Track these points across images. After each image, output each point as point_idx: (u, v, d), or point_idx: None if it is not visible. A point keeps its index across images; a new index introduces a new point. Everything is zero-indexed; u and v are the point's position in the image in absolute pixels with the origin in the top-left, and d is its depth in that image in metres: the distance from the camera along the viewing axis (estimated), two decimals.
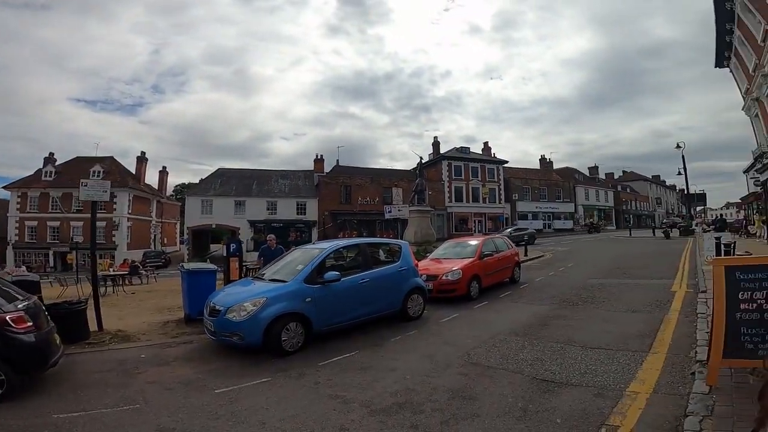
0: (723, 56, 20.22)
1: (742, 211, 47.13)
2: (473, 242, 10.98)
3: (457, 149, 49.61)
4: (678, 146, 33.48)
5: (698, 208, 35.09)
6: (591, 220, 53.48)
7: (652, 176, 77.71)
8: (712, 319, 3.97)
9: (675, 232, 31.96)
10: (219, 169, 41.47)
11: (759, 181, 20.77)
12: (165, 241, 49.77)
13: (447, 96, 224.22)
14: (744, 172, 29.36)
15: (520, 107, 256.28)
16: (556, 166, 59.64)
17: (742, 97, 19.59)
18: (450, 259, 10.10)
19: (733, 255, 9.39)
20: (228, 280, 8.05)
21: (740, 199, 39.57)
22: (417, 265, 8.00)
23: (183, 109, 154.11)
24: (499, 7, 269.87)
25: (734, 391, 3.15)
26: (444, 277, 8.95)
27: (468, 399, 3.76)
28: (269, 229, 36.11)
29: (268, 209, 38.40)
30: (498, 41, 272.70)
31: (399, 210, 19.51)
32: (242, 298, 5.67)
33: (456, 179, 45.52)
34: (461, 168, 46.35)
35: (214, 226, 37.48)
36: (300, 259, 6.62)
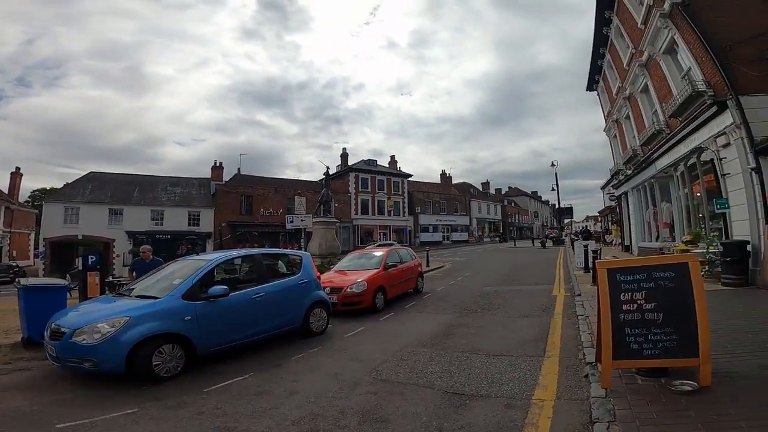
0: (594, 80, 22.55)
1: (599, 223, 56.17)
2: (378, 253, 10.86)
3: (364, 161, 50.35)
4: (552, 164, 38.48)
5: (566, 221, 40.65)
6: (500, 232, 59.63)
7: (531, 192, 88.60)
8: (598, 321, 4.17)
9: (549, 243, 36.48)
10: (91, 172, 35.55)
11: (614, 195, 24.73)
12: (15, 254, 40.74)
13: (359, 109, 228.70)
14: (601, 189, 34.76)
15: (426, 123, 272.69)
16: (453, 181, 64.30)
17: (605, 119, 22.87)
18: (355, 271, 9.79)
19: (600, 259, 10.74)
20: (85, 297, 6.60)
21: (598, 212, 47.00)
22: (319, 278, 7.50)
23: (52, 104, 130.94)
24: (417, 25, 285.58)
25: (628, 393, 3.30)
26: (349, 290, 8.58)
27: (380, 421, 3.41)
28: (153, 241, 31.99)
29: (153, 219, 33.98)
30: (412, 58, 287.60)
31: (302, 220, 18.70)
32: (96, 317, 4.67)
33: (362, 191, 45.99)
34: (368, 180, 47.05)
35: (80, 237, 31.79)
36: (179, 272, 5.68)
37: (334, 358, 5.46)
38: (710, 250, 9.49)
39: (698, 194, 12.13)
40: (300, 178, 53.45)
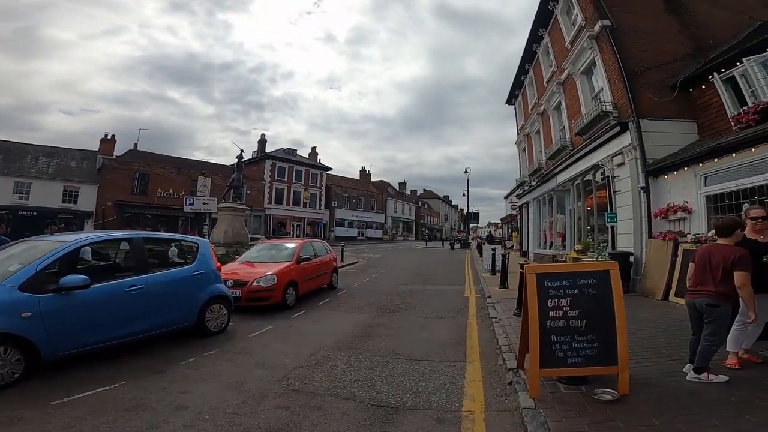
0: (514, 94, 24.07)
1: (499, 229, 61.28)
2: (290, 245, 10.02)
3: (284, 150, 47.94)
4: (465, 171, 41.14)
5: (471, 226, 43.49)
6: (426, 233, 61.50)
7: (443, 196, 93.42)
8: (523, 327, 4.07)
9: (457, 245, 38.61)
10: None
11: (516, 205, 26.86)
12: None
13: (284, 97, 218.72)
14: (505, 198, 37.61)
15: (351, 120, 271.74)
16: (372, 179, 64.74)
17: (517, 132, 24.70)
18: (264, 263, 8.87)
19: (508, 264, 11.33)
20: None
21: (500, 219, 51.13)
22: (220, 269, 6.54)
23: None
24: (358, 22, 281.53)
25: (555, 403, 3.18)
26: (255, 283, 7.68)
27: None
28: (15, 218, 26.58)
29: (16, 192, 28.08)
30: (347, 54, 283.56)
31: (204, 203, 16.78)
32: None
33: (279, 181, 43.73)
34: (285, 170, 44.86)
35: None
36: (21, 256, 4.38)
37: (235, 363, 4.66)
38: (598, 259, 10.55)
39: (589, 208, 13.56)
40: (210, 161, 48.90)
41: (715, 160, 7.39)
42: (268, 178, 42.67)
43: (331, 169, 51.74)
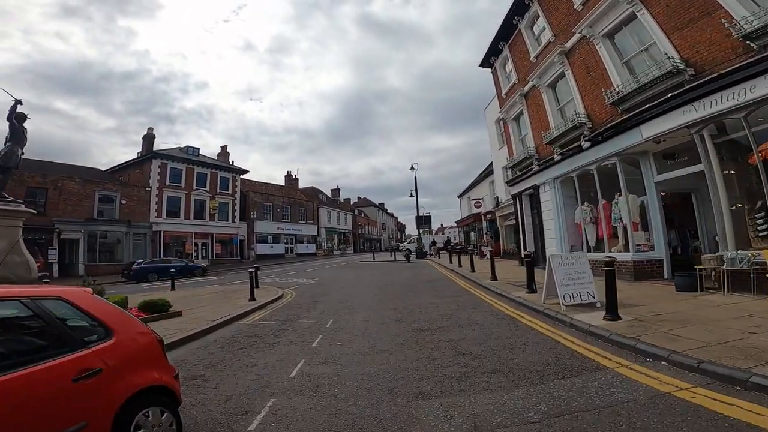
0: (497, 49, 19.47)
1: (446, 235, 55.10)
2: None
3: (181, 149, 36.96)
4: (412, 168, 34.06)
5: (421, 231, 36.56)
6: (397, 243, 53.72)
7: (379, 203, 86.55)
8: None
9: (413, 256, 31.05)
10: None
11: (481, 202, 20.03)
12: None
13: (197, 109, 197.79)
14: (458, 197, 31.04)
15: (272, 132, 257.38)
16: (301, 185, 55.48)
17: (503, 99, 18.69)
18: None
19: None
20: None
21: (456, 222, 44.88)
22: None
23: None
24: (280, 31, 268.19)
25: None
26: None
27: None
28: None
29: None
30: (267, 63, 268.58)
31: None
32: None
33: (172, 186, 32.85)
34: (183, 173, 34.06)
35: None
36: None
37: None
38: None
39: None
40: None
41: None
42: (156, 183, 31.65)
43: (247, 171, 41.67)
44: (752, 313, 5.55)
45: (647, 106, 8.25)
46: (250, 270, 11.06)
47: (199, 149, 38.25)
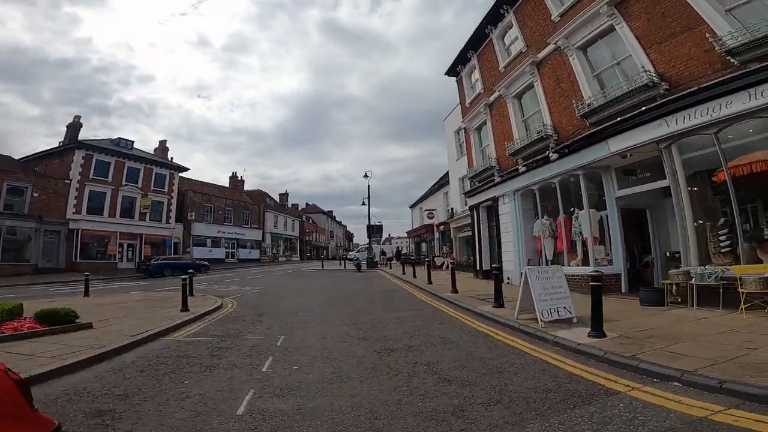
0: (464, 57, 19.49)
1: (396, 245, 54.92)
2: None
3: (111, 140, 33.19)
4: (366, 175, 33.32)
5: (372, 240, 35.91)
6: (345, 252, 51.81)
7: (328, 211, 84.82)
8: None
9: (364, 265, 30.15)
10: None
11: (439, 213, 19.91)
12: None
13: (137, 102, 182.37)
14: (410, 207, 30.95)
15: (220, 132, 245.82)
16: (247, 188, 52.59)
17: (465, 108, 18.69)
18: None
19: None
20: None
21: (407, 233, 44.64)
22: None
23: None
24: (239, 29, 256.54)
25: None
26: None
27: None
28: None
29: None
30: (221, 61, 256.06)
31: None
32: None
33: (97, 181, 29.23)
34: (110, 166, 30.45)
35: None
36: None
37: None
38: None
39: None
40: None
41: None
42: (78, 176, 28.01)
43: (187, 169, 38.46)
44: (733, 327, 5.41)
45: (618, 119, 8.24)
46: (183, 277, 9.55)
47: (133, 142, 34.73)
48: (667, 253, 9.56)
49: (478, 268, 15.37)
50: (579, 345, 5.02)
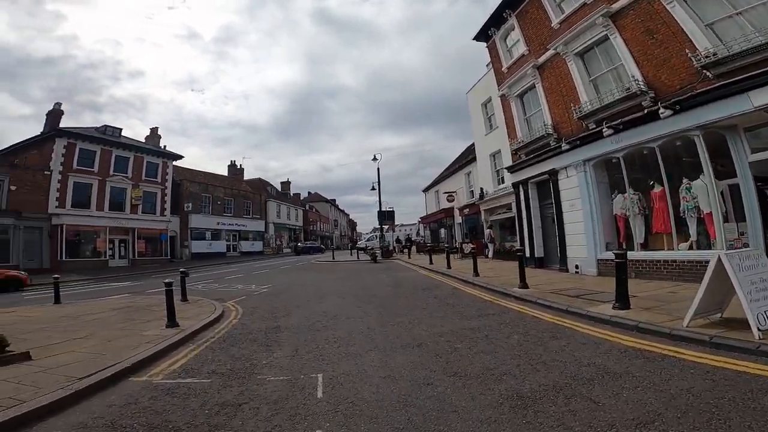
0: (495, 20, 16.71)
1: (407, 232, 52.42)
2: None
3: (97, 128, 30.44)
4: (374, 158, 30.58)
5: (385, 227, 33.39)
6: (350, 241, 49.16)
7: (331, 199, 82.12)
8: None
9: (379, 255, 27.62)
10: None
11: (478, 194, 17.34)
12: None
13: (128, 98, 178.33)
14: (423, 191, 28.38)
15: (214, 125, 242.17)
16: (247, 177, 49.88)
17: (503, 74, 15.87)
18: None
19: None
20: None
21: (420, 218, 42.16)
22: None
23: None
24: (228, 21, 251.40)
25: None
26: None
27: None
28: None
29: None
30: (212, 53, 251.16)
31: None
32: None
33: (82, 171, 26.58)
34: (96, 155, 27.75)
35: None
36: None
37: None
38: None
39: None
40: None
41: None
42: (60, 167, 25.35)
43: (181, 157, 35.73)
44: None
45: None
46: (168, 281, 6.92)
47: (120, 129, 31.93)
48: None
49: (528, 255, 12.83)
50: None
